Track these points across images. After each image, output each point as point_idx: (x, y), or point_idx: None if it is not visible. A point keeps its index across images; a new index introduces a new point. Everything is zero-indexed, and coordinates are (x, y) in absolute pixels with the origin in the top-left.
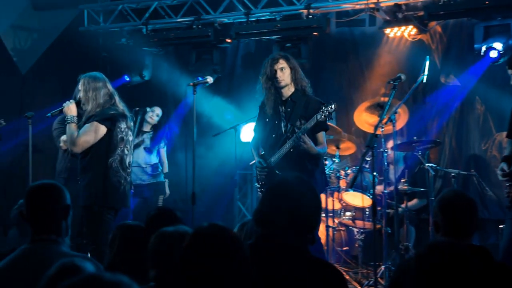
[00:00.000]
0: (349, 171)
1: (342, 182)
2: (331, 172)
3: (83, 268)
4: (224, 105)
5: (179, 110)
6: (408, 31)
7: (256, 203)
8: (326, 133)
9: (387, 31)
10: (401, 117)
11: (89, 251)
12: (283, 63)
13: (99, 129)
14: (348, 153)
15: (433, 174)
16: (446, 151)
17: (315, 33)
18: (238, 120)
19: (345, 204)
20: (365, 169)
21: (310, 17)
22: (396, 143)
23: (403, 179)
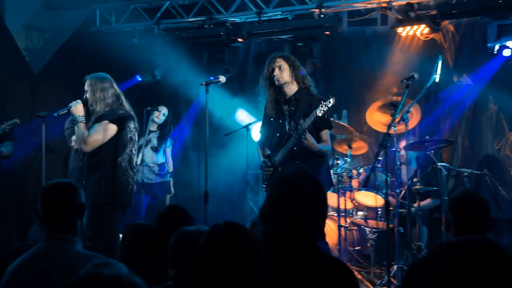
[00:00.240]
0: (361, 171)
1: (354, 181)
2: (343, 171)
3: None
4: (235, 105)
5: (191, 109)
6: (420, 30)
7: None
8: (336, 132)
9: (399, 30)
10: (413, 117)
11: (98, 251)
12: (280, 61)
13: (110, 129)
14: (360, 152)
15: (445, 173)
16: (458, 150)
17: (327, 33)
18: (249, 119)
19: (357, 203)
20: (377, 169)
21: (322, 16)
22: (408, 142)
23: (416, 179)
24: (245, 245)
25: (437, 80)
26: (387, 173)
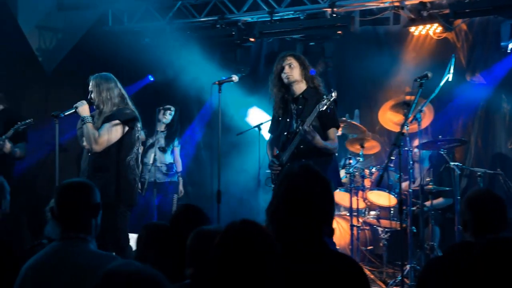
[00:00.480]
0: (373, 170)
1: (366, 181)
2: (356, 171)
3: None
4: (248, 104)
5: (203, 109)
6: (433, 29)
7: None
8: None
9: (411, 29)
10: (426, 116)
11: (108, 249)
12: (291, 60)
13: (120, 128)
14: (372, 152)
15: (458, 173)
16: (471, 150)
17: (339, 32)
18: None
19: (369, 203)
20: (390, 168)
21: (334, 15)
22: (421, 141)
23: (428, 178)
24: (261, 243)
25: (450, 79)
26: (400, 172)
